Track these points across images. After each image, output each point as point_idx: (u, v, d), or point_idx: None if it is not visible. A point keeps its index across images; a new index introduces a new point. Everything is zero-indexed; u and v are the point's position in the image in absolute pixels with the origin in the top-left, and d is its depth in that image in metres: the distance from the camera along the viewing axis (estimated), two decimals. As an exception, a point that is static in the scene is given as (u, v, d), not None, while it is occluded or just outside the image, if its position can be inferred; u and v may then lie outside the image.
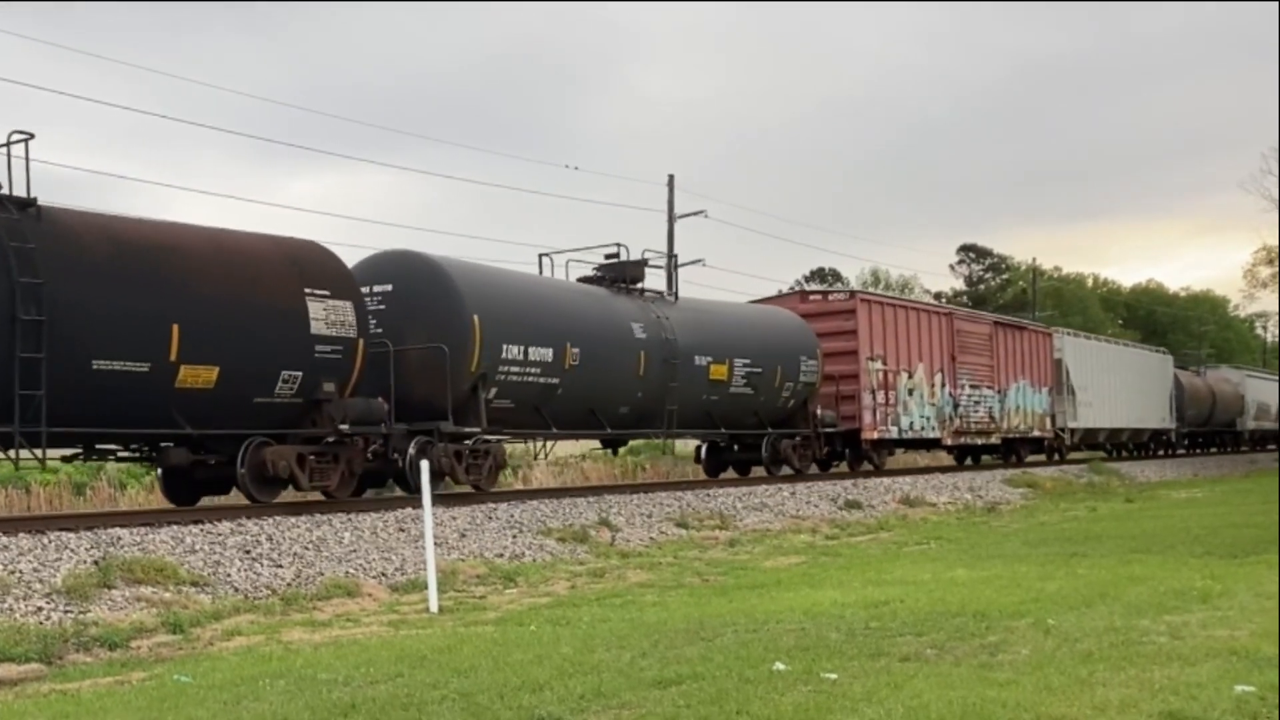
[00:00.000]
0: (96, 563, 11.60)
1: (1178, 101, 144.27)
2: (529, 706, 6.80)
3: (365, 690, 7.45)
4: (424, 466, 12.69)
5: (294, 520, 14.61)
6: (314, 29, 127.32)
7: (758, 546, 17.30)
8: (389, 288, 18.10)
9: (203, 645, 9.92)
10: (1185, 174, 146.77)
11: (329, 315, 15.75)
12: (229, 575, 12.31)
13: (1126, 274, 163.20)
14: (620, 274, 22.08)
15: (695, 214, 45.77)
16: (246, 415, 15.12)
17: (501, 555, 14.99)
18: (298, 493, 16.49)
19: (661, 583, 13.28)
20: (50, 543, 12.04)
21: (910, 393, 29.01)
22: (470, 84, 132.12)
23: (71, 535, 12.46)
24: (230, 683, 7.95)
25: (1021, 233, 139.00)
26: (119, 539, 12.54)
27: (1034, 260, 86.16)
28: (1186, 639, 8.26)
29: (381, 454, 17.11)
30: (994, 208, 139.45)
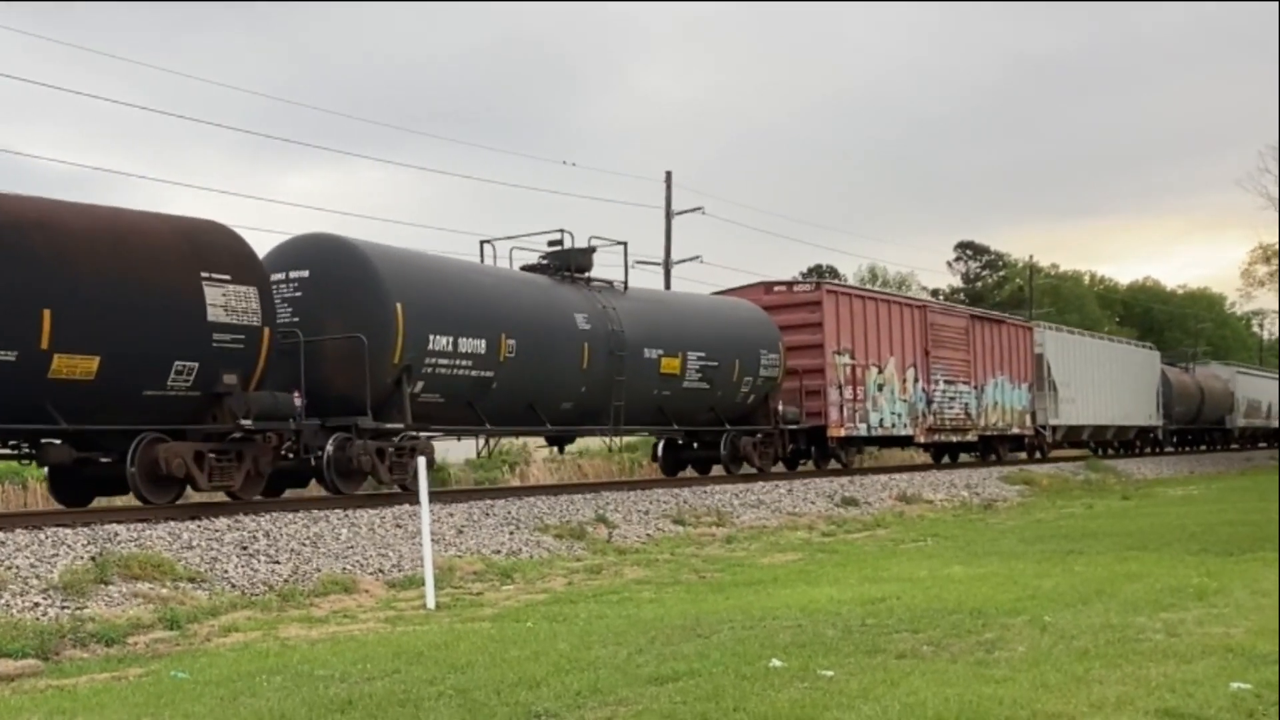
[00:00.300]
0: (93, 559, 11.60)
1: (1175, 99, 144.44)
2: (526, 703, 6.80)
3: (362, 686, 7.45)
4: (421, 463, 12.69)
5: (291, 516, 14.60)
6: (312, 25, 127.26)
7: (754, 543, 17.31)
8: (306, 274, 16.91)
9: (200, 641, 9.92)
10: (1182, 171, 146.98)
11: (229, 301, 14.58)
12: (226, 571, 12.31)
13: (1123, 271, 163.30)
14: (565, 262, 20.95)
15: (693, 210, 45.83)
16: (137, 409, 14.00)
17: (499, 552, 14.99)
18: (199, 493, 15.69)
19: (658, 579, 13.28)
20: (47, 539, 12.04)
21: (880, 388, 27.99)
22: (468, 81, 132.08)
23: (68, 531, 12.45)
24: (227, 679, 7.95)
25: (1019, 230, 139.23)
26: (116, 535, 12.54)
27: (1031, 258, 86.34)
28: (1183, 636, 8.27)
29: (296, 452, 16.05)
30: (992, 205, 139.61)
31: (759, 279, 29.04)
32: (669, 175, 45.00)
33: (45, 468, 15.14)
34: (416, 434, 17.56)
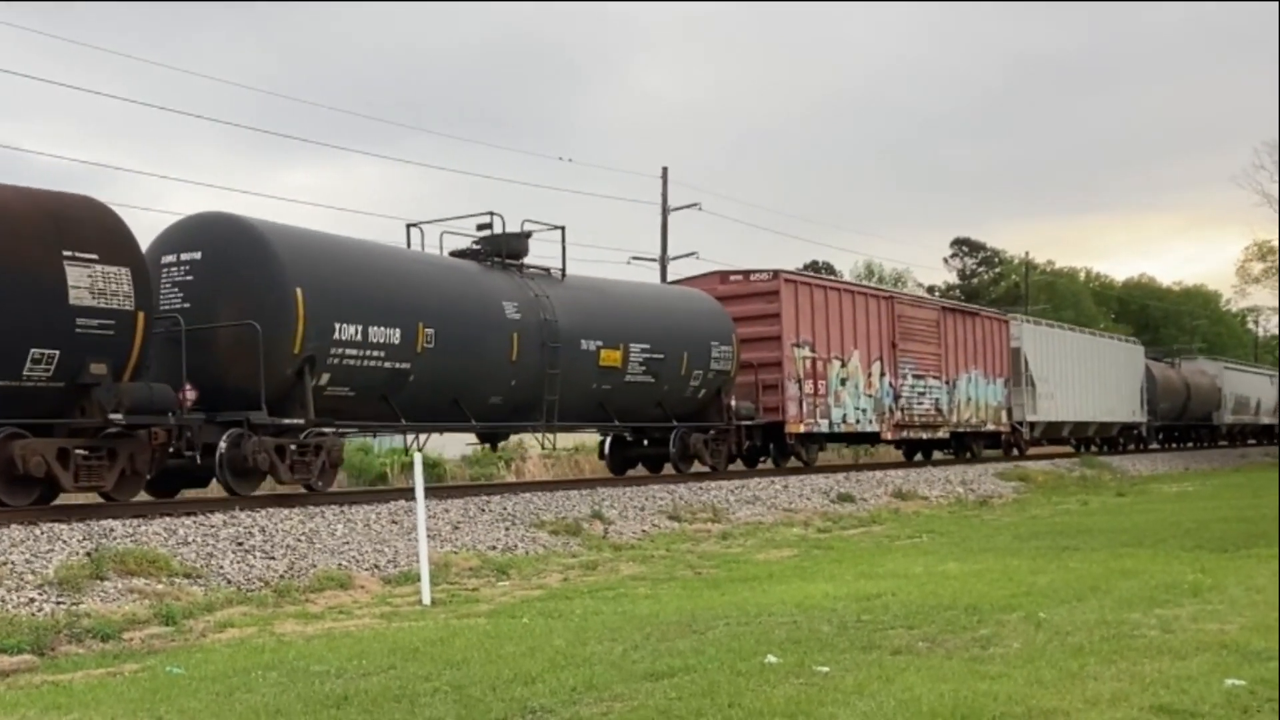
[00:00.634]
0: (89, 554, 11.59)
1: (1170, 96, 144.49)
2: (521, 699, 6.81)
3: (358, 682, 7.45)
4: (417, 459, 12.69)
5: (287, 512, 14.60)
6: (310, 20, 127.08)
7: (750, 539, 17.32)
8: (198, 256, 15.57)
9: (195, 637, 9.92)
10: (1178, 168, 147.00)
11: (96, 283, 13.21)
12: (222, 567, 12.31)
13: (1119, 268, 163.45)
14: (497, 248, 19.61)
15: (689, 207, 45.87)
16: None
17: (494, 548, 14.99)
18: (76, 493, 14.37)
19: (654, 575, 13.29)
20: (42, 534, 12.03)
21: (843, 383, 26.81)
22: (465, 76, 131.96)
23: (64, 527, 12.44)
24: (223, 674, 7.96)
25: (1015, 226, 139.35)
26: (111, 530, 12.53)
27: (1026, 254, 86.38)
28: (1177, 633, 8.29)
29: (184, 449, 14.51)
30: (988, 201, 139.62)
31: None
32: (665, 171, 45.02)
33: None
34: (324, 430, 16.21)
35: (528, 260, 20.20)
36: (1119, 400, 43.62)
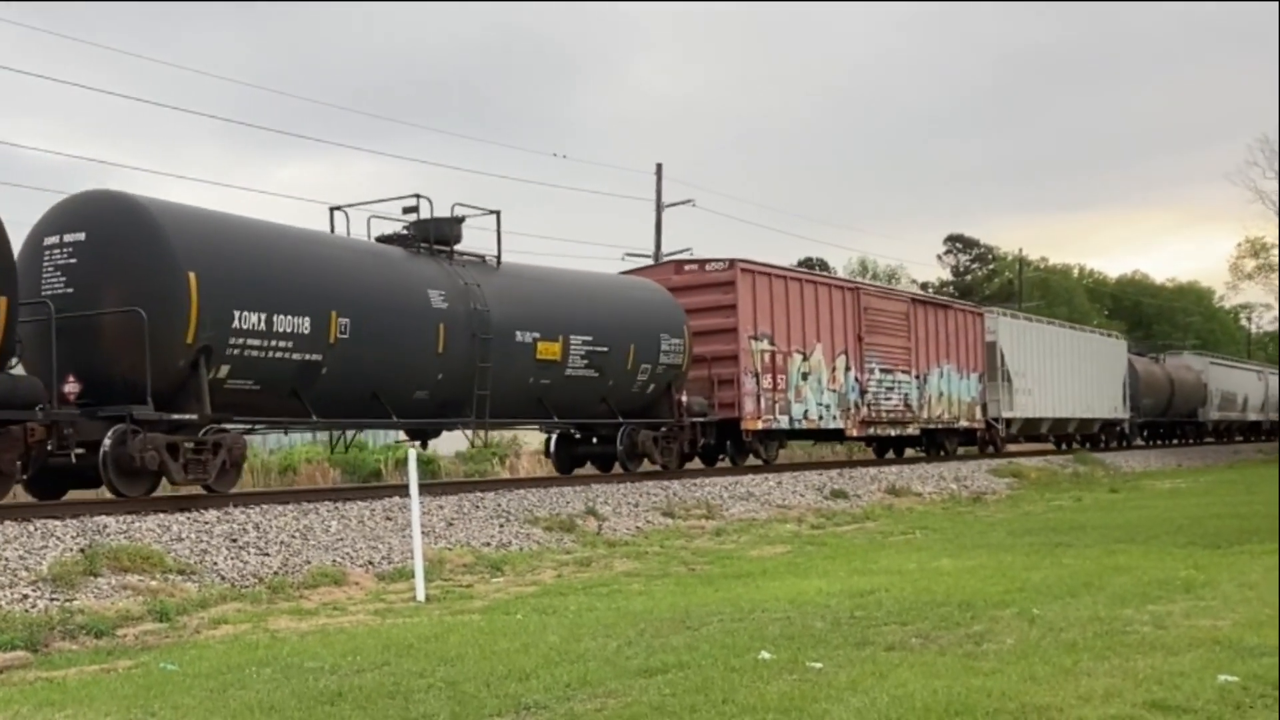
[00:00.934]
0: (83, 551, 11.58)
1: (1164, 93, 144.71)
2: (515, 695, 6.81)
3: (352, 678, 7.45)
4: (412, 455, 12.68)
5: (281, 509, 14.59)
6: (303, 15, 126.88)
7: (744, 536, 17.33)
8: (81, 237, 14.41)
9: (189, 633, 9.92)
10: (1171, 165, 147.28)
11: None
12: (216, 564, 12.30)
13: (1112, 264, 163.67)
14: (425, 233, 18.45)
15: (683, 203, 45.96)
16: None
17: (489, 544, 15.00)
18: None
19: (648, 572, 13.30)
20: (36, 530, 12.02)
21: (805, 377, 25.66)
22: (459, 72, 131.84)
23: (57, 523, 12.43)
24: (217, 671, 7.95)
25: (1008, 223, 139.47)
26: (105, 527, 12.52)
27: (1020, 250, 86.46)
28: (1170, 629, 8.30)
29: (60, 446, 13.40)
30: (981, 198, 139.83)
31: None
32: (659, 168, 45.04)
33: None
34: (225, 426, 15.09)
35: (461, 247, 19.07)
36: (1100, 396, 42.69)
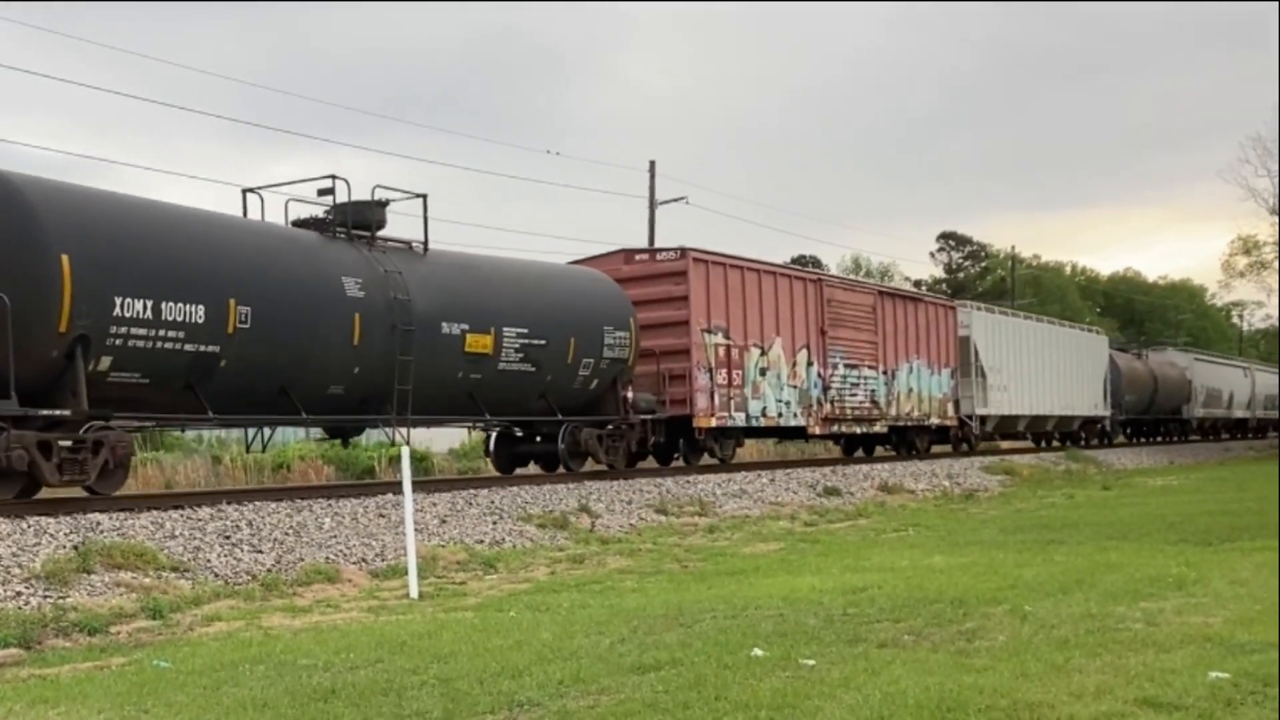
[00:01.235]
0: (76, 548, 11.58)
1: (1157, 90, 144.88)
2: (508, 692, 6.82)
3: (345, 676, 7.46)
4: (405, 453, 12.68)
5: (274, 506, 14.60)
6: (299, 13, 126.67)
7: (737, 533, 17.35)
8: None
9: (182, 631, 9.92)
10: (1164, 163, 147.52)
11: None
12: (209, 561, 12.30)
13: (1105, 262, 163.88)
14: (344, 217, 17.21)
15: (676, 200, 45.89)
16: None
17: (482, 541, 15.00)
18: None
19: (641, 569, 13.31)
20: (29, 527, 12.01)
21: (763, 373, 24.46)
22: (451, 69, 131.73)
23: (50, 520, 12.42)
24: (210, 668, 7.96)
25: (1001, 220, 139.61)
26: (98, 524, 12.51)
27: (1013, 248, 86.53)
28: (1162, 626, 8.32)
29: None
30: (974, 196, 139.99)
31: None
32: (653, 165, 45.04)
33: None
34: (108, 424, 13.98)
35: (385, 233, 17.90)
36: (1080, 393, 41.52)
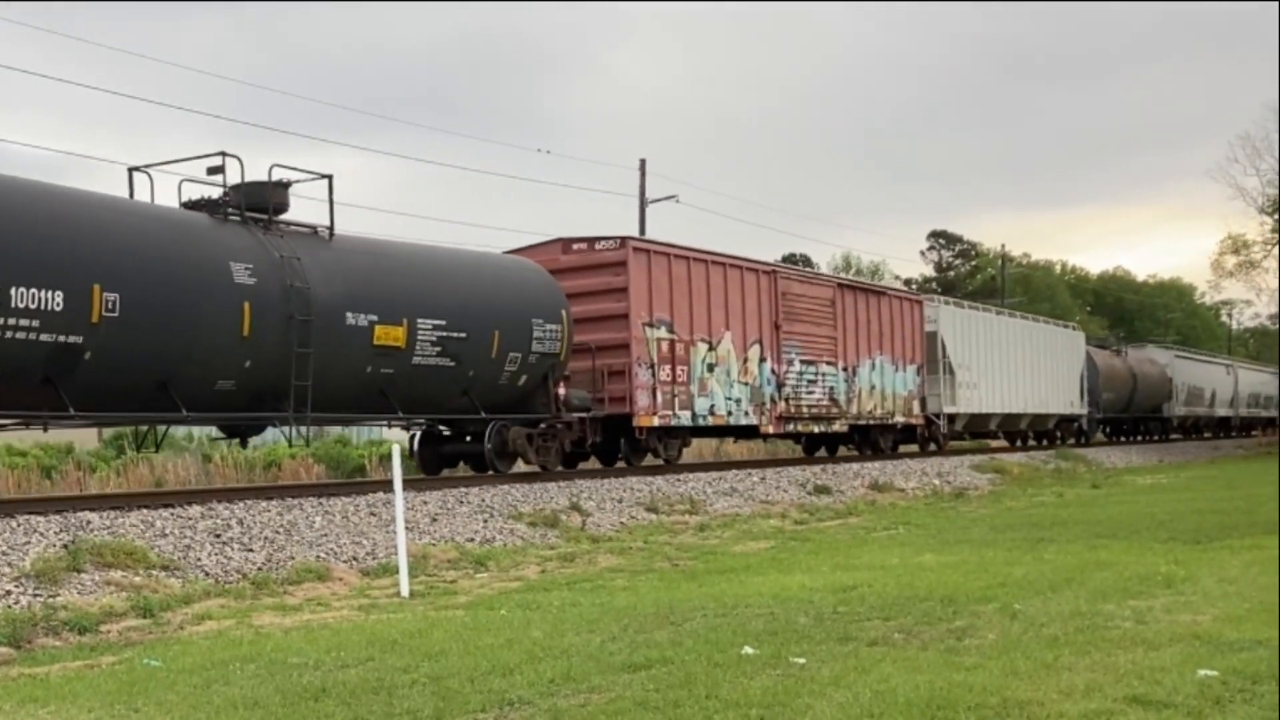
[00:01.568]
0: (65, 546, 11.56)
1: (1146, 90, 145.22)
2: (499, 690, 6.83)
3: (336, 674, 7.46)
4: (396, 451, 12.68)
5: (265, 504, 14.58)
6: (288, 12, 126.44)
7: (727, 531, 17.36)
8: None
9: (173, 629, 9.91)
10: (1153, 162, 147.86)
11: None
12: (199, 559, 12.29)
13: (1094, 260, 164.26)
14: (240, 199, 15.90)
15: (667, 199, 45.87)
16: None
17: (472, 539, 15.00)
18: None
19: (631, 567, 13.32)
20: (18, 526, 11.99)
21: (711, 369, 23.28)
22: (442, 67, 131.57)
23: (40, 519, 12.40)
24: (200, 667, 7.95)
25: (992, 218, 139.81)
26: (88, 522, 12.49)
27: (1003, 247, 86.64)
28: (1151, 624, 8.35)
29: None
30: (965, 194, 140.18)
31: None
32: (643, 164, 44.99)
33: None
34: None
35: (288, 216, 16.60)
36: (1055, 390, 40.36)
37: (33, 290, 12.91)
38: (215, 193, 15.95)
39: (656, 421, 21.93)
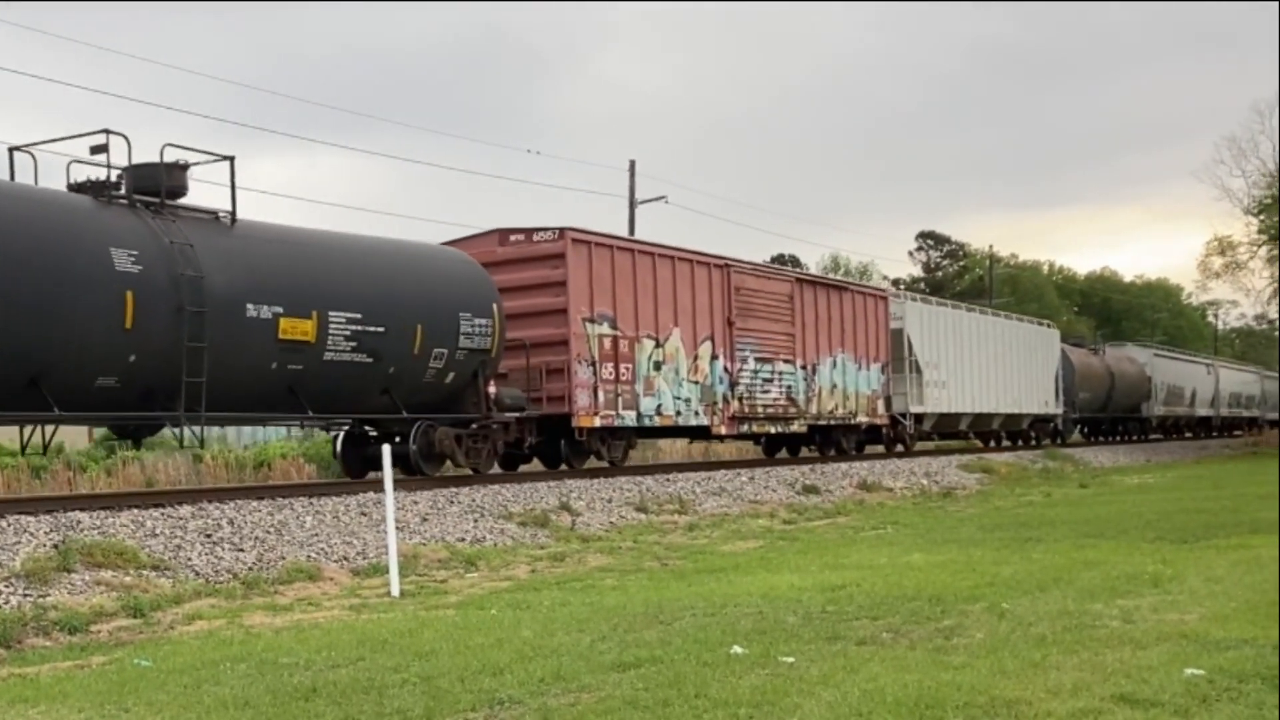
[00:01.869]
0: (56, 546, 11.55)
1: (1134, 91, 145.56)
2: (489, 690, 6.85)
3: (326, 674, 7.47)
4: (386, 451, 12.68)
5: (255, 504, 14.57)
6: (277, 12, 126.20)
7: (716, 531, 17.39)
8: None
9: (163, 629, 9.91)
10: (1140, 163, 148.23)
11: None
12: (190, 559, 12.29)
13: (1082, 261, 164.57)
14: (136, 183, 14.76)
15: (656, 199, 45.92)
16: None
17: (463, 539, 15.01)
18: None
19: (621, 567, 13.34)
20: (9, 526, 11.98)
21: (658, 367, 22.29)
22: (432, 68, 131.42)
23: (30, 518, 12.39)
24: (191, 667, 7.96)
25: (979, 219, 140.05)
26: (79, 522, 12.49)
27: (991, 247, 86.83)
28: (1138, 623, 8.39)
29: None
30: (953, 195, 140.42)
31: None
32: (633, 164, 45.04)
33: None
34: None
35: (187, 201, 15.42)
36: (1029, 390, 39.14)
37: None
38: (107, 175, 14.68)
39: (598, 422, 20.98)
